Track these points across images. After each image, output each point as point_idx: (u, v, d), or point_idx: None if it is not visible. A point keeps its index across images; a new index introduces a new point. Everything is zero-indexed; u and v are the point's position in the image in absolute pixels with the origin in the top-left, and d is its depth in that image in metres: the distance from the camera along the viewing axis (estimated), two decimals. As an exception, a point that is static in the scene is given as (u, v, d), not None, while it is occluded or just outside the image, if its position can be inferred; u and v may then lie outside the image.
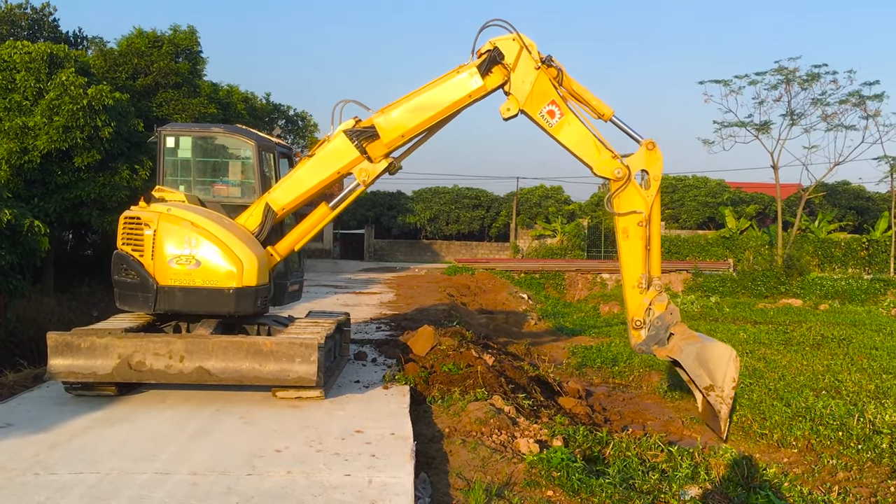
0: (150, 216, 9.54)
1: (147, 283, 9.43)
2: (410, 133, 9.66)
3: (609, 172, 9.40)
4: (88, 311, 19.74)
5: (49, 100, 19.15)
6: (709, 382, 9.20)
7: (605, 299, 30.11)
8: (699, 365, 9.26)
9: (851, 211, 50.82)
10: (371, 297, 23.58)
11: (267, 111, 37.71)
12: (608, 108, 9.61)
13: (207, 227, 9.43)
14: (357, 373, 11.05)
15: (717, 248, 45.67)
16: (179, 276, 9.37)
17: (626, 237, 9.51)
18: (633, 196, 9.43)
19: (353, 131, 9.64)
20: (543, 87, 9.32)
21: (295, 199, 9.94)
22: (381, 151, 9.74)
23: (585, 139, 9.43)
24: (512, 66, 9.30)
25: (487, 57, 9.27)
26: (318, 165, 9.87)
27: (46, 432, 7.73)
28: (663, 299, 9.54)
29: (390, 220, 53.77)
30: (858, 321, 21.39)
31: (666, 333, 9.53)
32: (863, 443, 9.53)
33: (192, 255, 9.36)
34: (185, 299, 9.45)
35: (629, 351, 16.09)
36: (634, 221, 9.45)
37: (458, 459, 7.46)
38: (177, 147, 10.38)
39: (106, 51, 27.14)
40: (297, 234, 10.23)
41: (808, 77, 34.97)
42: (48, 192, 19.88)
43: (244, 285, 9.39)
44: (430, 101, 9.49)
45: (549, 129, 9.39)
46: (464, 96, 9.41)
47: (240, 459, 6.96)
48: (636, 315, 9.58)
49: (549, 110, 9.34)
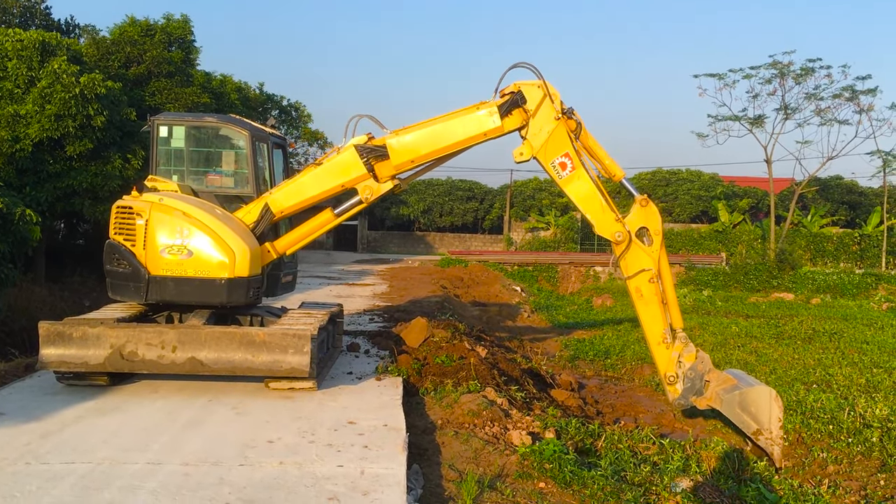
0: (142, 206, 9.51)
1: (139, 272, 9.41)
2: (421, 160, 9.73)
3: (610, 235, 9.50)
4: (80, 300, 19.66)
5: (41, 88, 19.00)
6: (755, 427, 9.16)
7: (597, 292, 30.14)
8: (742, 411, 9.26)
9: (844, 205, 50.96)
10: (364, 289, 23.57)
11: (260, 101, 37.52)
12: (620, 169, 9.78)
13: (200, 217, 9.41)
14: (350, 364, 11.05)
15: (710, 241, 45.78)
16: (171, 265, 9.35)
17: (641, 297, 9.56)
18: (638, 255, 9.52)
19: (364, 148, 9.65)
20: (560, 138, 9.34)
21: (295, 205, 9.97)
22: (388, 172, 9.79)
23: (593, 197, 9.49)
24: (533, 112, 9.32)
25: (510, 99, 9.31)
26: (324, 176, 9.88)
27: (38, 422, 7.72)
28: (691, 349, 9.57)
29: (384, 212, 53.68)
30: (850, 315, 21.48)
31: (702, 383, 9.56)
32: (853, 436, 9.58)
33: (184, 245, 9.33)
34: (176, 289, 9.43)
35: (621, 343, 16.15)
36: (646, 279, 9.50)
37: (450, 451, 7.47)
38: (170, 136, 10.33)
39: (98, 39, 26.94)
40: (298, 234, 10.32)
41: (802, 71, 34.98)
42: (40, 180, 19.75)
43: (236, 276, 9.37)
44: (445, 132, 9.53)
45: (558, 180, 9.48)
46: (479, 133, 9.47)
47: (232, 450, 6.96)
48: (668, 371, 9.59)
49: (561, 162, 9.39)
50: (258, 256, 9.74)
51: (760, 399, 9.16)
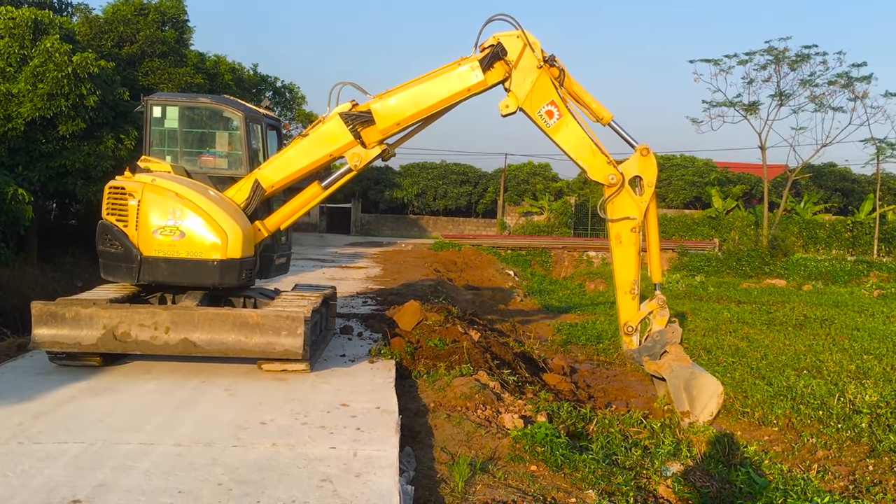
0: (134, 186, 9.46)
1: (131, 253, 9.38)
2: (406, 122, 9.63)
3: (603, 178, 9.40)
4: (72, 281, 19.61)
5: (33, 66, 18.84)
6: (687, 409, 9.21)
7: (591, 277, 30.22)
8: (683, 390, 9.26)
9: (837, 193, 51.11)
10: (357, 272, 23.56)
11: (254, 82, 37.37)
12: (608, 112, 9.59)
13: (192, 199, 9.37)
14: (343, 347, 11.07)
15: (704, 227, 45.85)
16: (164, 247, 9.33)
17: (619, 243, 9.55)
18: (626, 202, 9.43)
19: (348, 115, 9.54)
20: (544, 86, 9.25)
21: (285, 178, 9.88)
22: (375, 137, 9.70)
23: (582, 142, 9.40)
24: (514, 63, 9.22)
25: (490, 52, 9.20)
26: (311, 147, 9.78)
27: (30, 402, 7.72)
28: (665, 315, 9.57)
29: (377, 195, 53.62)
30: (841, 302, 21.59)
31: (661, 350, 9.54)
32: (843, 422, 9.65)
33: (176, 227, 9.30)
34: (168, 270, 9.40)
35: (613, 328, 16.18)
36: (628, 227, 9.46)
37: (442, 434, 7.50)
38: (164, 117, 10.27)
39: (91, 18, 26.70)
40: (287, 210, 10.20)
41: (798, 58, 34.96)
42: (32, 160, 19.64)
43: (228, 257, 9.34)
44: (428, 92, 9.42)
45: (546, 129, 9.34)
46: (463, 90, 9.36)
47: (225, 431, 6.97)
48: (628, 321, 9.64)
49: (547, 110, 9.28)
50: (251, 237, 9.71)
51: (706, 388, 9.22)
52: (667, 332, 9.52)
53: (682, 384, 9.28)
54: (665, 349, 9.54)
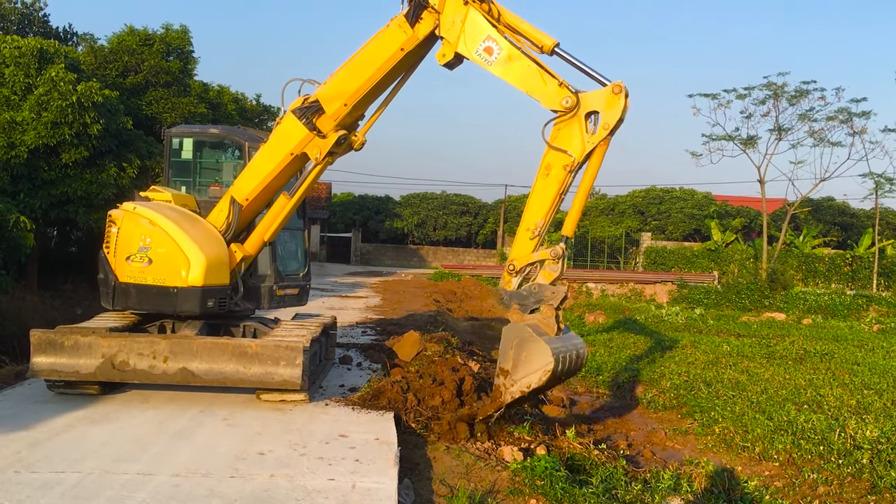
0: (117, 214, 9.74)
1: (109, 279, 9.58)
2: (353, 99, 9.13)
3: (557, 103, 8.16)
4: (72, 308, 19.61)
5: (38, 95, 19.01)
6: (507, 368, 8.21)
7: (590, 308, 30.15)
8: (514, 348, 8.20)
9: (836, 227, 51.23)
10: (357, 301, 23.55)
11: (257, 112, 37.56)
12: (549, 38, 8.47)
13: (163, 225, 9.44)
14: (342, 376, 11.04)
15: (703, 260, 45.86)
16: (134, 273, 9.45)
17: (546, 175, 8.33)
18: (572, 134, 8.16)
19: (299, 109, 9.27)
20: (476, 22, 8.44)
21: (256, 188, 9.70)
22: (329, 125, 9.33)
23: (529, 71, 8.32)
24: (440, 6, 8.52)
25: (414, 3, 8.59)
26: (271, 149, 9.63)
27: (28, 430, 7.68)
28: (555, 270, 8.41)
29: (378, 225, 53.74)
30: (841, 336, 21.53)
31: (534, 304, 8.37)
32: (844, 458, 9.59)
33: (145, 254, 9.38)
34: (138, 297, 9.50)
35: (613, 360, 16.16)
36: (561, 162, 8.19)
37: (441, 466, 7.47)
38: (181, 149, 10.52)
39: (96, 47, 26.98)
40: (261, 226, 10.05)
41: (797, 93, 35.25)
42: (34, 187, 19.73)
43: (189, 285, 9.32)
44: (364, 62, 8.95)
45: (489, 67, 8.43)
46: (396, 50, 8.79)
47: (223, 461, 6.94)
48: (515, 259, 8.53)
49: (486, 47, 8.41)
50: (221, 264, 9.63)
51: (536, 359, 8.01)
52: (547, 289, 8.34)
53: (516, 342, 8.19)
54: (538, 306, 8.37)
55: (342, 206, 55.71)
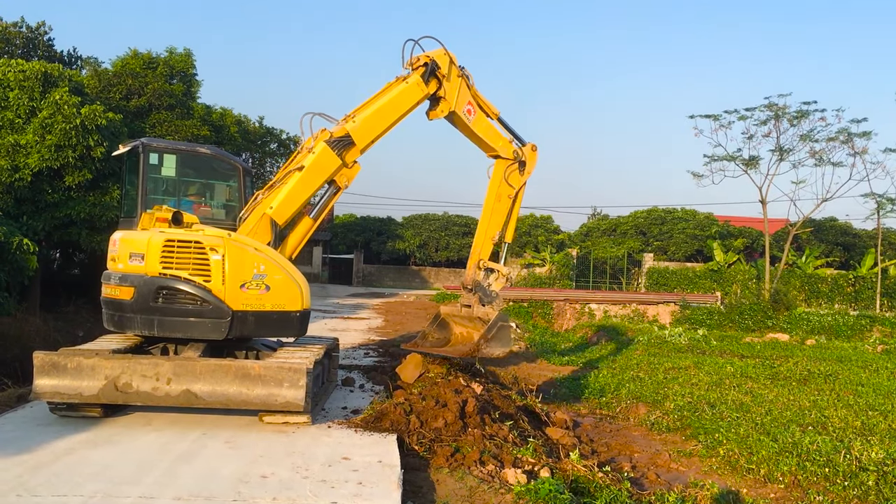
0: (215, 242, 9.65)
1: (213, 308, 9.63)
2: (378, 137, 10.96)
3: (510, 153, 12.33)
4: (74, 331, 19.60)
5: (42, 118, 19.13)
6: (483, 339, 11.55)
7: (593, 329, 30.09)
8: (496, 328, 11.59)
9: (838, 247, 51.22)
10: (359, 323, 23.53)
11: (259, 134, 37.76)
12: (495, 108, 12.12)
13: (268, 253, 9.80)
14: (345, 399, 11.01)
15: (705, 280, 45.82)
16: (251, 300, 9.62)
17: (498, 201, 12.53)
18: (515, 175, 12.47)
19: (333, 141, 10.46)
20: (464, 91, 11.55)
21: (293, 212, 10.51)
22: (354, 156, 10.82)
23: (491, 129, 12.11)
24: (446, 75, 11.20)
25: (428, 68, 11.03)
26: (310, 177, 10.43)
27: (30, 453, 7.66)
28: (503, 283, 12.56)
29: (380, 246, 53.78)
30: (845, 357, 21.44)
31: (488, 301, 12.24)
32: (849, 479, 9.53)
33: (261, 280, 9.60)
34: (256, 324, 9.65)
35: (616, 381, 16.11)
36: (506, 193, 12.48)
37: (444, 489, 7.43)
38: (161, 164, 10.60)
39: (100, 71, 27.20)
40: (290, 247, 10.71)
41: (798, 114, 35.34)
42: (38, 210, 19.79)
43: (304, 308, 9.95)
44: (391, 108, 10.90)
45: (469, 123, 11.67)
46: (416, 101, 11.13)
47: (225, 485, 6.91)
48: (485, 258, 12.56)
49: (468, 109, 11.65)
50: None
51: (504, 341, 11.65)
52: (497, 298, 12.33)
53: (499, 323, 11.58)
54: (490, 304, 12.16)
55: (344, 227, 55.76)
